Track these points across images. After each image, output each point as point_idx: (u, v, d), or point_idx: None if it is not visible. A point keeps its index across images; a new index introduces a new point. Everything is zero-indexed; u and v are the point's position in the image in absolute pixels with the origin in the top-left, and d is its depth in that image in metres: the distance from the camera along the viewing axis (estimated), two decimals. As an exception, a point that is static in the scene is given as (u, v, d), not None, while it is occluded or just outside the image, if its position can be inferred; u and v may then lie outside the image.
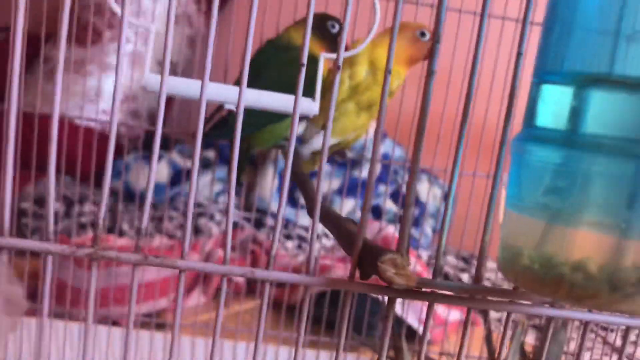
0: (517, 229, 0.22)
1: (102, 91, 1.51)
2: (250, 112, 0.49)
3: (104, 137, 1.42)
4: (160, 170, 1.42)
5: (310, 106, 0.40)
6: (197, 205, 1.43)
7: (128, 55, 1.49)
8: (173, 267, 0.27)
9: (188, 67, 1.64)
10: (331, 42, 0.52)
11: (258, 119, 0.50)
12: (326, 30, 0.52)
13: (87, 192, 1.41)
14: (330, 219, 0.34)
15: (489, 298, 0.25)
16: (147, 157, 1.45)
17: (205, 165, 1.45)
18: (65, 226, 1.34)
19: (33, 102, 1.39)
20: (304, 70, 0.27)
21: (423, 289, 0.25)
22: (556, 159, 0.21)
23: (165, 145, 1.49)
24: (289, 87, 0.46)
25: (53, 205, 0.28)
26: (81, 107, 1.49)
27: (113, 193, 1.41)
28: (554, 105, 0.21)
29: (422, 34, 0.52)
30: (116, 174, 1.42)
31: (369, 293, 0.25)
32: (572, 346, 0.97)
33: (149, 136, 1.45)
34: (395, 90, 0.55)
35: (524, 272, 0.21)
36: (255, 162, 0.88)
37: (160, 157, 1.48)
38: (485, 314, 0.65)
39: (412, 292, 0.25)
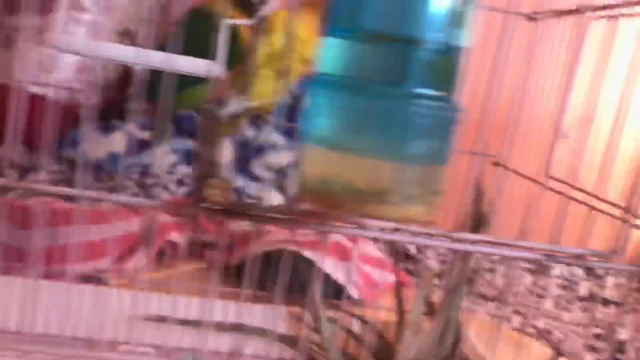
0: (303, 156, 0.27)
1: (58, 60, 1.51)
2: (168, 76, 0.52)
3: (60, 107, 1.43)
4: (115, 140, 1.44)
5: (212, 68, 0.43)
6: (153, 175, 1.45)
7: (86, 25, 1.49)
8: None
9: (148, 37, 1.64)
10: (252, 12, 0.54)
11: (177, 82, 0.53)
12: (248, 1, 0.54)
13: (42, 161, 1.42)
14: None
15: (302, 219, 0.29)
16: (104, 128, 1.47)
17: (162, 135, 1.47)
18: (19, 195, 1.36)
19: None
20: (220, 37, 0.30)
21: (250, 212, 0.29)
22: (320, 99, 0.25)
23: (123, 116, 1.50)
24: (206, 54, 0.49)
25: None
26: (37, 76, 1.49)
27: (69, 162, 1.43)
28: (329, 54, 0.26)
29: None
30: (73, 144, 1.44)
31: (204, 216, 0.29)
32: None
33: (106, 107, 1.46)
34: (311, 58, 0.58)
35: (306, 189, 0.26)
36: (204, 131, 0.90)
37: (116, 128, 1.50)
38: (396, 260, 0.70)
39: (236, 214, 0.29)
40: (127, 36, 1.62)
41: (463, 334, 0.77)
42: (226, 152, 1.51)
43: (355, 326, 0.64)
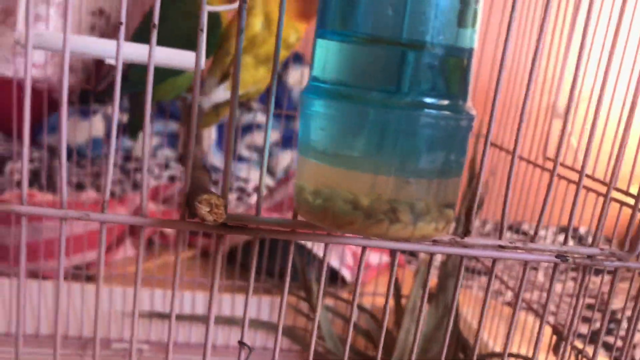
0: (300, 169, 0.25)
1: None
2: (145, 67, 0.49)
3: (35, 92, 1.39)
4: (95, 125, 1.40)
5: (195, 60, 0.41)
6: (135, 159, 1.42)
7: (58, 5, 1.43)
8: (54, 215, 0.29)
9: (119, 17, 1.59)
10: None
11: (155, 73, 0.50)
12: None
13: (20, 149, 1.38)
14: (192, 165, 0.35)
15: (306, 231, 0.27)
16: (83, 112, 1.43)
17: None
18: (-1, 184, 1.32)
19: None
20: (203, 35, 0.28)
21: (250, 226, 0.28)
22: (316, 107, 0.23)
23: (100, 100, 1.46)
24: (183, 40, 0.46)
25: None
26: (9, 60, 1.44)
27: (49, 149, 1.39)
28: (320, 58, 0.24)
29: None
30: (51, 129, 1.40)
31: (194, 230, 0.27)
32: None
33: (84, 91, 1.42)
34: (293, 44, 0.56)
35: (305, 205, 0.24)
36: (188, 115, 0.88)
37: (95, 112, 1.46)
38: (393, 255, 0.69)
39: (233, 228, 0.28)
40: (100, 16, 1.57)
41: (460, 315, 0.77)
42: (209, 135, 1.48)
43: (352, 313, 0.63)
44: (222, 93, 0.55)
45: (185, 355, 0.77)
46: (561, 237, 1.30)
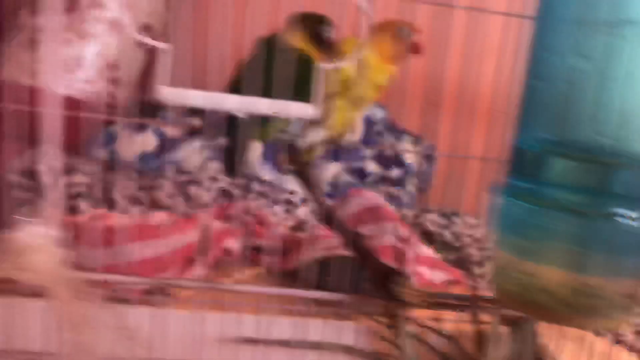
0: (500, 257, 0.26)
1: (82, 60, 1.49)
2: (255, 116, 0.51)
3: (86, 107, 1.41)
4: (146, 140, 1.43)
5: (313, 112, 0.43)
6: (186, 172, 1.45)
7: (107, 22, 1.47)
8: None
9: (165, 30, 1.62)
10: (323, 44, 0.54)
11: (262, 118, 0.53)
12: (318, 34, 0.54)
13: (74, 162, 1.42)
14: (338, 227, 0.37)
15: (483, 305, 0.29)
16: (134, 126, 1.46)
17: (193, 132, 1.46)
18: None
19: (10, 72, 1.37)
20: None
21: (437, 301, 0.29)
22: (526, 212, 0.25)
23: (150, 113, 1.49)
24: (289, 88, 0.48)
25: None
26: (61, 76, 1.47)
27: (104, 163, 1.42)
28: (534, 165, 0.25)
29: (401, 30, 0.54)
30: (104, 143, 1.43)
31: (398, 307, 0.29)
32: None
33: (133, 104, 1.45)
34: (383, 84, 0.57)
35: (508, 294, 0.26)
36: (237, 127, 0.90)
37: (145, 127, 1.48)
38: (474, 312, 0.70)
39: (426, 305, 0.29)
40: (147, 31, 1.60)
41: (540, 341, 0.78)
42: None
43: (431, 338, 0.65)
44: (317, 134, 0.57)
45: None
46: None
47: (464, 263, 1.28)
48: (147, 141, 1.42)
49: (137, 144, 1.41)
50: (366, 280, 0.83)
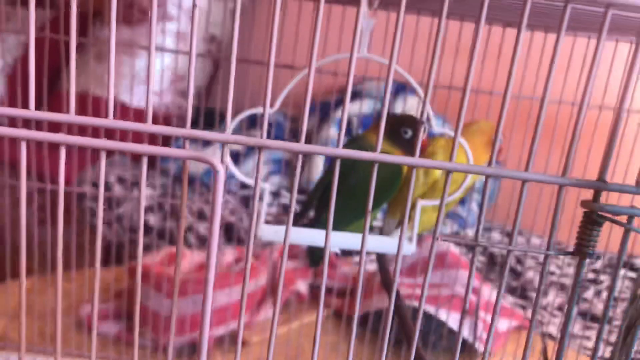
0: None
1: (151, 72, 1.52)
2: (341, 215, 0.53)
3: (154, 118, 1.45)
4: (213, 153, 1.45)
5: (409, 248, 0.44)
6: (246, 186, 1.48)
7: (174, 34, 1.49)
8: None
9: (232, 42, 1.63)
10: (405, 146, 0.53)
11: (342, 220, 0.54)
12: (399, 135, 0.53)
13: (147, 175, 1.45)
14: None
15: None
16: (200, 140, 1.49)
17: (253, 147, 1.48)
18: (126, 209, 1.42)
19: (83, 84, 1.42)
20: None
21: None
22: None
23: (210, 122, 1.52)
24: (375, 191, 0.49)
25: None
26: (131, 88, 1.51)
27: (173, 175, 1.47)
28: None
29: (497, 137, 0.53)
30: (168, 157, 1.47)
31: None
32: None
33: (198, 114, 1.48)
34: (469, 185, 0.57)
35: None
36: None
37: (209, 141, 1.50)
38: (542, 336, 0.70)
39: None
40: (213, 42, 1.61)
41: None
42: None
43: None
44: (399, 233, 0.57)
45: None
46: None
47: (526, 291, 1.27)
48: (213, 154, 1.45)
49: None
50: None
